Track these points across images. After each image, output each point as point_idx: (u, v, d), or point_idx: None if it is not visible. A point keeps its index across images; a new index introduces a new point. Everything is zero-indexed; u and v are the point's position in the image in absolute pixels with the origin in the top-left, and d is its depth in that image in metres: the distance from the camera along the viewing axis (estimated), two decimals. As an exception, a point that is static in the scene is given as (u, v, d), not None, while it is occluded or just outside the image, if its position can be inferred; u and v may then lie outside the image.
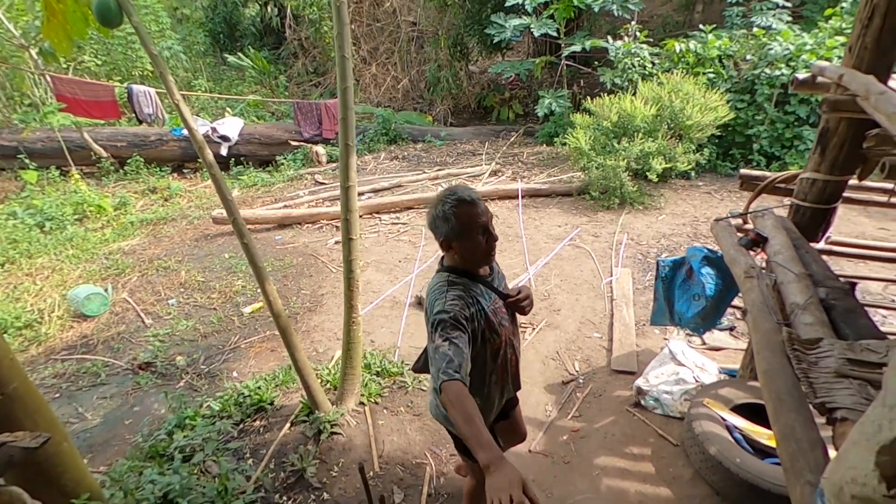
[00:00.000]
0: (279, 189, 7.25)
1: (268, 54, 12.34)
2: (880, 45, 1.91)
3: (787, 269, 1.84)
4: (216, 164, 2.46)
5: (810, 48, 6.10)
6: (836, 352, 1.40)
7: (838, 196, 2.26)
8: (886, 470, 0.70)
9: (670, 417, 2.88)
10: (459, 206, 1.52)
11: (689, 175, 6.41)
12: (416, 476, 2.64)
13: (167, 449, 2.74)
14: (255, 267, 2.60)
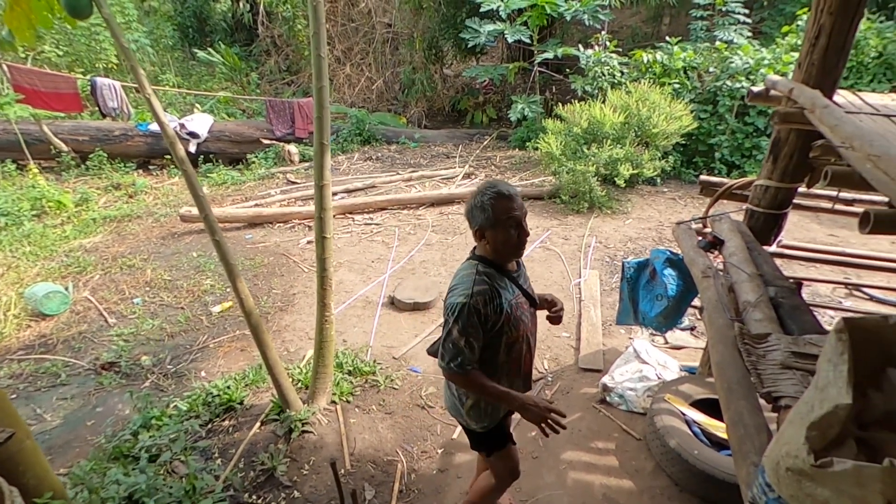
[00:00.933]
0: (250, 188, 7.14)
1: (239, 51, 12.12)
2: (826, 62, 2.06)
3: (741, 270, 1.96)
4: (188, 161, 2.43)
5: (768, 62, 6.41)
6: (782, 346, 1.50)
7: (789, 202, 2.40)
8: (814, 443, 0.78)
9: (634, 413, 2.99)
10: (497, 199, 1.59)
11: (654, 181, 6.64)
12: (388, 473, 2.66)
13: (132, 449, 2.68)
14: (227, 264, 2.58)
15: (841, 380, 0.84)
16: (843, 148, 1.65)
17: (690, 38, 8.23)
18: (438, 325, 3.91)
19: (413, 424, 2.99)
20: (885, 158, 1.38)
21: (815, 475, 0.76)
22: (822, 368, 0.90)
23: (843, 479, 0.74)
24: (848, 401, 0.80)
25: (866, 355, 0.93)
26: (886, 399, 0.94)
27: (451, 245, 5.23)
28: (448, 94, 11.62)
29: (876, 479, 0.71)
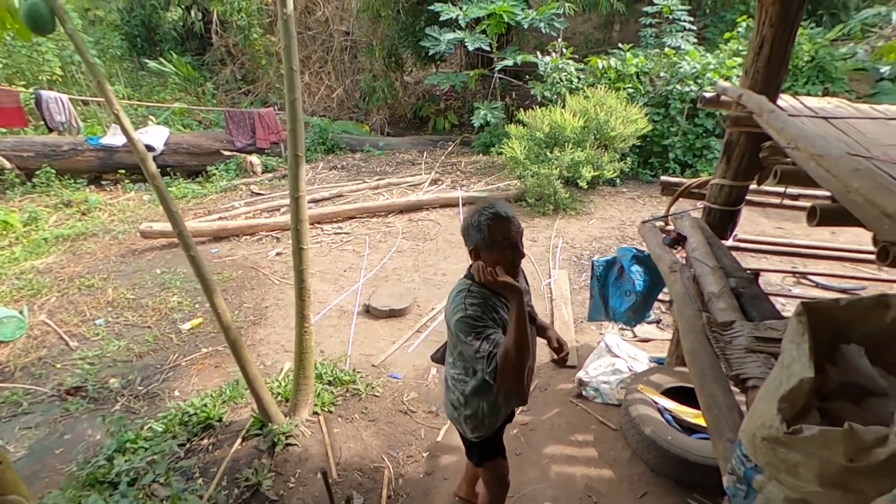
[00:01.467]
0: (212, 201, 6.97)
1: (192, 60, 11.81)
2: (769, 70, 2.24)
3: (704, 264, 2.10)
4: (160, 176, 2.40)
5: (713, 67, 6.80)
6: (745, 331, 1.64)
7: (742, 199, 2.59)
8: (786, 414, 0.88)
9: (609, 405, 3.12)
10: (494, 220, 1.58)
11: (614, 182, 6.90)
12: (375, 480, 2.68)
13: (107, 475, 2.60)
14: (203, 280, 2.55)
15: (803, 357, 0.95)
16: (790, 149, 1.81)
17: (641, 45, 8.61)
18: (415, 331, 3.95)
19: (397, 430, 3.02)
20: (826, 158, 1.54)
21: (787, 442, 0.86)
22: (786, 348, 1.02)
23: (811, 444, 0.84)
24: (811, 374, 0.91)
25: (822, 335, 1.05)
26: (841, 372, 1.06)
27: (422, 251, 5.28)
28: (409, 101, 11.68)
29: (839, 441, 0.82)
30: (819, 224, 1.61)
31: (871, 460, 0.80)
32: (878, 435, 0.82)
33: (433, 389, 3.35)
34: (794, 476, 0.89)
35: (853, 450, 0.81)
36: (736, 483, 1.06)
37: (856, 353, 1.02)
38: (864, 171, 1.40)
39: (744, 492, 1.04)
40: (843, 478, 0.84)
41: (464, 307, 1.61)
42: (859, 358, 1.01)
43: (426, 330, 3.95)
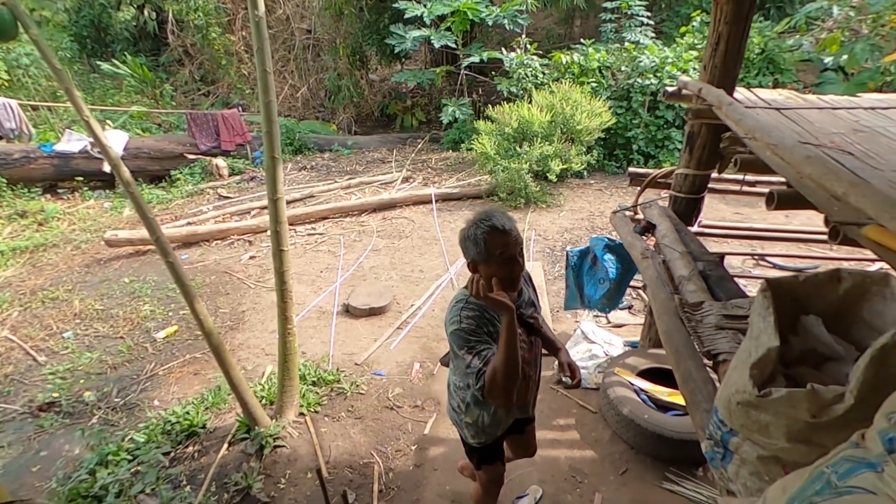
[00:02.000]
0: (178, 206, 6.80)
1: (146, 61, 11.42)
2: (726, 64, 2.38)
3: (673, 249, 2.23)
4: (133, 182, 2.37)
5: (671, 61, 7.06)
6: (714, 311, 1.76)
7: (705, 187, 2.74)
8: (756, 379, 0.98)
9: (588, 389, 3.24)
10: (491, 233, 1.53)
11: (582, 174, 7.09)
12: (365, 475, 2.72)
13: (90, 489, 2.55)
14: (183, 286, 2.53)
15: (770, 328, 1.05)
16: (747, 139, 1.94)
17: (602, 39, 8.82)
18: (396, 328, 3.99)
19: (384, 426, 3.06)
20: (781, 147, 1.66)
21: (759, 404, 0.96)
22: (754, 321, 1.12)
23: (779, 404, 0.94)
24: (777, 343, 1.01)
25: (784, 308, 1.16)
26: (801, 341, 1.17)
27: (398, 249, 5.31)
28: (376, 99, 11.62)
29: (803, 400, 0.92)
30: (777, 208, 1.75)
31: (831, 415, 0.91)
32: (836, 393, 0.92)
33: (417, 385, 3.40)
34: (766, 435, 0.99)
35: (815, 407, 0.92)
36: (713, 447, 1.16)
37: (814, 323, 1.13)
38: (814, 158, 1.52)
39: (721, 454, 1.14)
40: (807, 433, 0.94)
41: (459, 319, 1.59)
42: (817, 327, 1.13)
43: (407, 326, 4.00)
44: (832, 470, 0.76)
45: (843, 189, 1.33)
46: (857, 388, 0.90)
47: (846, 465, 0.74)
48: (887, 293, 1.09)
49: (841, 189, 1.33)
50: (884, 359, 0.92)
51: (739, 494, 1.08)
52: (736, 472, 1.09)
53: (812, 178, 1.49)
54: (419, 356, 3.67)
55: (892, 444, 0.67)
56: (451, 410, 1.97)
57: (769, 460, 1.02)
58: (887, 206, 1.18)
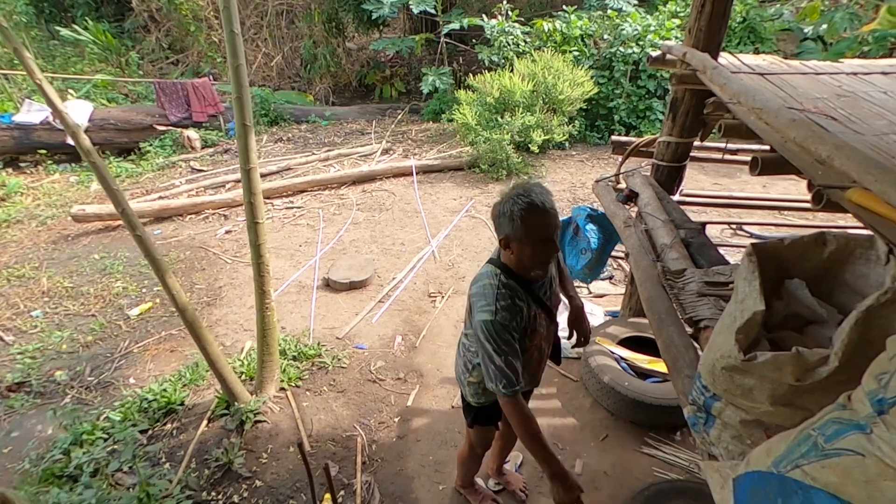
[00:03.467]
0: (149, 179, 6.55)
1: (110, 27, 10.82)
2: (711, 27, 2.33)
3: (655, 217, 2.21)
4: (95, 152, 2.23)
5: (654, 29, 6.96)
6: (696, 278, 1.75)
7: (687, 155, 2.72)
8: (742, 343, 0.97)
9: (569, 358, 3.27)
10: (530, 212, 1.44)
11: (564, 145, 7.03)
12: (348, 448, 2.72)
13: (65, 469, 2.50)
14: (153, 260, 2.43)
15: (755, 292, 1.03)
16: (732, 104, 1.91)
17: (584, 7, 8.65)
18: (378, 301, 3.95)
19: (367, 399, 3.05)
20: (766, 111, 1.64)
21: (744, 368, 0.95)
22: (739, 285, 1.10)
23: (764, 368, 0.93)
24: (762, 307, 0.99)
25: (769, 272, 1.15)
26: (785, 305, 1.16)
27: (378, 222, 5.23)
28: (353, 68, 11.27)
29: (788, 364, 0.91)
30: (761, 173, 1.73)
31: (815, 378, 0.90)
32: (820, 356, 0.91)
33: (400, 357, 3.38)
34: (749, 399, 0.98)
35: (800, 370, 0.91)
36: (696, 412, 1.16)
37: (798, 286, 1.12)
38: (799, 121, 1.50)
39: (703, 419, 1.14)
40: (790, 396, 0.94)
41: (494, 309, 1.52)
42: (801, 291, 1.12)
43: (388, 300, 3.96)
44: (819, 433, 0.75)
45: (827, 152, 1.31)
46: (842, 351, 0.89)
47: (833, 426, 0.73)
48: (871, 255, 1.09)
49: (825, 152, 1.31)
50: (868, 321, 0.91)
51: (721, 458, 1.08)
52: (718, 436, 1.09)
53: (796, 142, 1.47)
54: (401, 329, 3.65)
55: (882, 404, 0.66)
56: (457, 365, 1.95)
57: (751, 424, 1.02)
58: (871, 169, 1.16)
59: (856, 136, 1.67)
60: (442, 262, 4.47)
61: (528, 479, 2.55)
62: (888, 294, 0.91)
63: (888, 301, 0.90)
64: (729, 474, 0.99)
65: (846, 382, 0.91)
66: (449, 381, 3.15)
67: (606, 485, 2.50)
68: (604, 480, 2.52)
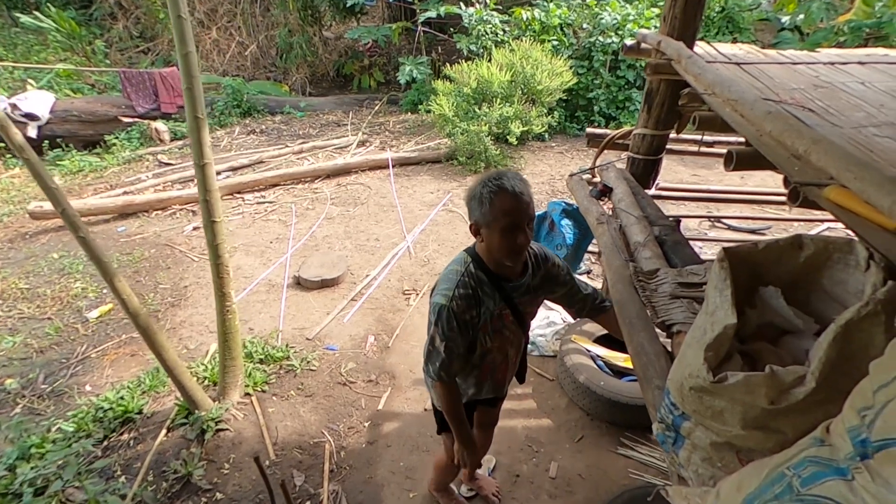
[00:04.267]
0: (114, 174, 6.28)
1: (76, 14, 10.39)
2: (686, 15, 2.23)
3: (629, 213, 2.13)
4: (29, 147, 2.06)
5: (633, 18, 6.88)
6: (669, 278, 1.67)
7: (663, 148, 2.64)
8: (711, 362, 0.88)
9: (545, 357, 3.20)
10: (500, 195, 1.38)
11: (543, 137, 6.94)
12: (316, 455, 2.61)
13: (10, 486, 2.33)
14: (99, 263, 2.28)
15: (726, 303, 0.94)
16: (707, 94, 1.82)
17: (564, -5, 8.52)
18: (350, 299, 3.83)
19: (336, 403, 2.93)
20: (741, 102, 1.55)
21: (713, 390, 0.86)
22: (710, 295, 1.01)
23: (735, 390, 0.84)
24: (734, 320, 0.91)
25: (742, 278, 1.06)
26: (759, 314, 1.08)
27: (353, 217, 5.08)
28: (331, 58, 10.99)
29: (761, 385, 0.82)
30: (735, 168, 1.65)
31: (791, 400, 0.81)
32: (796, 375, 0.83)
33: (372, 358, 3.27)
34: (720, 422, 0.90)
35: (774, 392, 0.82)
36: (665, 430, 1.07)
37: (773, 294, 1.04)
38: (775, 114, 1.41)
39: (672, 438, 1.05)
40: (764, 419, 0.85)
41: (451, 295, 1.49)
42: (776, 299, 1.03)
43: (361, 298, 3.84)
44: (794, 473, 0.66)
45: (804, 146, 1.22)
46: (819, 370, 0.80)
47: (810, 468, 0.64)
48: (850, 260, 1.00)
49: (802, 146, 1.23)
50: (847, 335, 0.82)
51: (691, 482, 1.00)
52: (688, 458, 1.00)
53: (772, 136, 1.39)
54: (374, 328, 3.53)
55: (865, 446, 0.57)
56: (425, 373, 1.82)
57: (722, 447, 0.93)
58: (850, 165, 1.08)
59: (834, 128, 1.59)
60: (417, 258, 4.35)
61: (502, 484, 2.47)
62: (869, 306, 0.82)
63: (869, 314, 0.82)
64: (698, 503, 0.90)
65: (824, 403, 0.82)
66: (422, 383, 3.05)
67: (581, 488, 2.44)
68: (579, 484, 2.46)
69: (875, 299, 0.83)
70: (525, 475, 2.52)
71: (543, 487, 2.45)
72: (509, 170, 1.48)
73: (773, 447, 0.86)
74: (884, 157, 1.42)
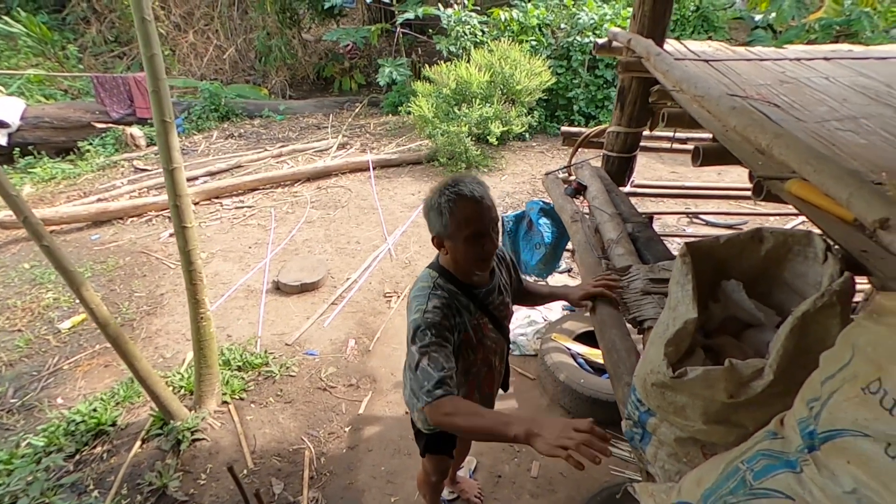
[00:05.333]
0: (88, 181, 6.15)
1: (48, 19, 10.16)
2: (655, 12, 2.25)
3: (603, 211, 2.13)
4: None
5: (610, 17, 6.94)
6: (641, 274, 1.67)
7: (637, 146, 2.65)
8: (671, 358, 0.87)
9: (527, 356, 3.20)
10: (459, 203, 1.30)
11: (524, 137, 6.96)
12: (295, 463, 2.57)
13: (-24, 505, 2.26)
14: (65, 273, 2.21)
15: (687, 297, 0.94)
16: (675, 91, 1.83)
17: (542, -4, 8.57)
18: (330, 303, 3.79)
19: (316, 408, 2.90)
20: (707, 99, 1.56)
21: (674, 385, 0.86)
22: (673, 291, 1.01)
23: (695, 385, 0.83)
24: (694, 315, 0.90)
25: (706, 273, 1.06)
26: (723, 308, 1.08)
27: (333, 220, 5.04)
28: (311, 60, 10.91)
29: (720, 379, 0.82)
30: (703, 164, 1.66)
31: (750, 394, 0.81)
32: (755, 368, 0.82)
33: (352, 362, 3.24)
34: (682, 417, 0.89)
35: (733, 386, 0.82)
36: (632, 427, 1.07)
37: (735, 288, 1.04)
38: (740, 109, 1.42)
39: (640, 435, 1.05)
40: (724, 413, 0.85)
41: (424, 309, 1.36)
42: (738, 293, 1.03)
43: (342, 302, 3.80)
44: (748, 467, 0.66)
45: (767, 141, 1.24)
46: (777, 362, 0.81)
47: (762, 461, 0.64)
48: (809, 252, 1.01)
49: (765, 141, 1.24)
50: (804, 327, 0.82)
51: (658, 478, 0.99)
52: (654, 454, 1.00)
53: (737, 131, 1.40)
54: (354, 332, 3.50)
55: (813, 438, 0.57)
56: (406, 390, 1.77)
57: (687, 442, 0.93)
58: (810, 159, 1.09)
59: (798, 122, 1.62)
60: (398, 260, 4.33)
61: (484, 485, 2.46)
62: (824, 297, 0.83)
63: (824, 305, 0.82)
64: (664, 499, 0.90)
65: (783, 395, 0.83)
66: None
67: (563, 486, 2.43)
68: (560, 482, 2.45)
69: (831, 291, 0.83)
70: (507, 475, 2.51)
71: (525, 487, 2.44)
72: (465, 174, 1.40)
73: (735, 441, 0.86)
74: (845, 151, 1.44)
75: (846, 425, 0.54)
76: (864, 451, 0.52)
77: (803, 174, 1.11)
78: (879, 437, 0.51)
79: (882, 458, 0.50)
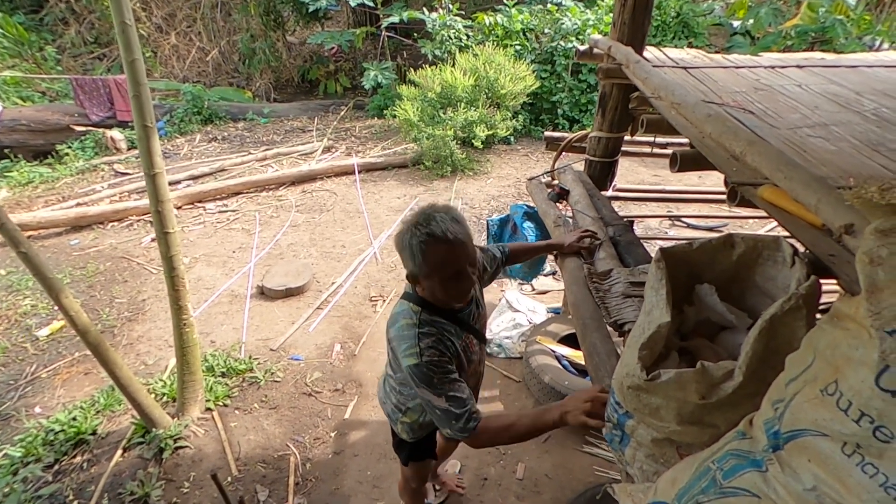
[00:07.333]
0: (67, 185, 6.03)
1: (25, 20, 9.96)
2: (635, 20, 2.29)
3: (585, 215, 2.17)
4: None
5: (593, 23, 7.03)
6: (622, 278, 1.70)
7: (618, 150, 2.69)
8: (646, 361, 0.90)
9: (512, 359, 3.22)
10: (431, 245, 1.25)
11: (509, 140, 7.01)
12: (280, 469, 2.55)
13: (-50, 519, 2.21)
14: (43, 279, 2.17)
15: (662, 302, 0.97)
16: (653, 98, 1.87)
17: (525, 1, 8.65)
18: (316, 308, 3.77)
19: (301, 414, 2.88)
20: (684, 105, 1.60)
21: (648, 388, 0.88)
22: (648, 295, 1.04)
23: (668, 387, 0.86)
24: (667, 319, 0.93)
25: (680, 277, 1.09)
26: (697, 311, 1.11)
27: (318, 224, 5.02)
28: (295, 63, 10.86)
29: (692, 381, 0.84)
30: (681, 170, 1.70)
31: (721, 395, 0.84)
32: (725, 370, 0.85)
33: (338, 367, 3.23)
34: (657, 418, 0.92)
35: (705, 387, 0.84)
36: (612, 429, 1.09)
37: (707, 292, 1.07)
38: (715, 116, 1.46)
39: (619, 437, 1.07)
40: (697, 414, 0.87)
41: (419, 352, 1.32)
42: (711, 296, 1.06)
43: (327, 306, 3.79)
44: (717, 466, 0.68)
45: (740, 148, 1.27)
46: (746, 364, 0.83)
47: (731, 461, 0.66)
48: (778, 257, 1.04)
49: (739, 148, 1.28)
50: (772, 330, 0.85)
51: (636, 479, 1.02)
52: (633, 455, 1.02)
53: (712, 138, 1.44)
54: (340, 336, 3.49)
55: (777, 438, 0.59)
56: (385, 405, 1.77)
57: (663, 442, 0.96)
58: (781, 165, 1.13)
59: (771, 129, 1.66)
60: (384, 264, 4.33)
61: (470, 487, 2.47)
62: (791, 301, 0.86)
63: (791, 308, 0.85)
64: (642, 499, 0.92)
65: (753, 396, 0.85)
66: (389, 390, 3.03)
67: (548, 488, 2.46)
68: (546, 484, 2.48)
69: (797, 294, 0.86)
70: (493, 478, 2.52)
71: (511, 489, 2.46)
72: (438, 207, 1.32)
73: (709, 440, 0.88)
74: (816, 157, 1.49)
75: (807, 425, 0.57)
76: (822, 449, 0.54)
77: (775, 180, 1.14)
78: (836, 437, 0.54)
79: (839, 456, 0.53)
